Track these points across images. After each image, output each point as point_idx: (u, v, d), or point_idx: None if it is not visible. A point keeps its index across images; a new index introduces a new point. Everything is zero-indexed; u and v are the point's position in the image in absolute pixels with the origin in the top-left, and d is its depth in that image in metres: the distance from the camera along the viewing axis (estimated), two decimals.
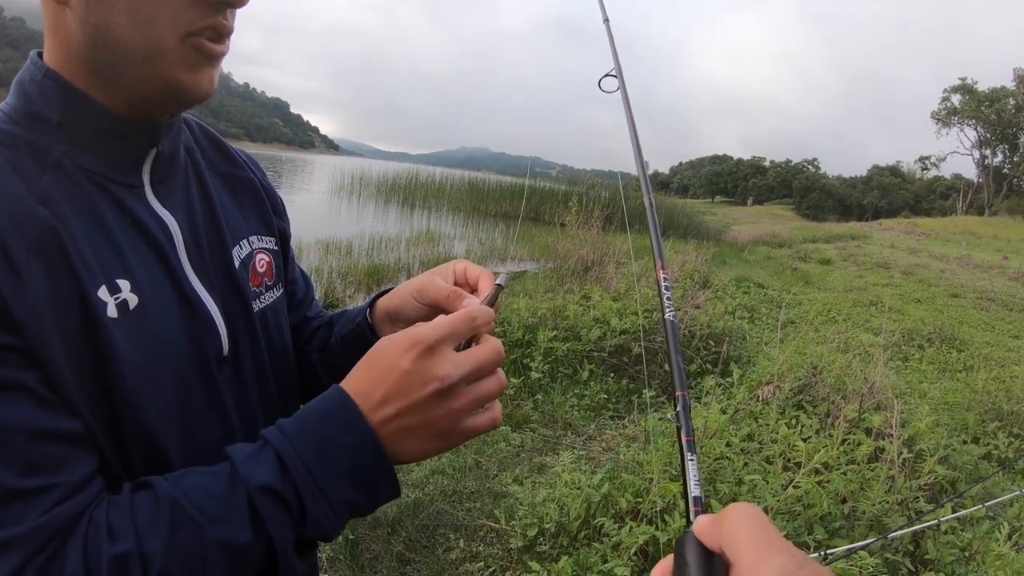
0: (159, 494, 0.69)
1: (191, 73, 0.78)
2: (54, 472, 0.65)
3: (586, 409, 5.81)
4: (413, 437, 0.75)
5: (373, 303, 1.08)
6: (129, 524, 0.66)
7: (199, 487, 0.70)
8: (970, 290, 18.44)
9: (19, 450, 0.62)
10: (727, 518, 0.48)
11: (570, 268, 10.63)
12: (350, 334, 1.07)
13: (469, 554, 3.65)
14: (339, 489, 0.72)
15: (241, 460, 0.72)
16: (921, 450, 4.00)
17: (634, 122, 1.35)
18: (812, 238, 33.47)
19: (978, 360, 8.47)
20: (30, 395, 0.64)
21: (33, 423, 0.64)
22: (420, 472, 4.44)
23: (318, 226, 15.68)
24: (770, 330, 8.86)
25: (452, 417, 0.75)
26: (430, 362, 0.73)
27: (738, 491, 3.58)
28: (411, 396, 0.73)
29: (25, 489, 0.62)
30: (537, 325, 6.80)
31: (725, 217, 53.19)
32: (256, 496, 0.69)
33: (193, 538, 0.67)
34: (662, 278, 1.04)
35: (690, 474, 0.77)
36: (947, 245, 36.79)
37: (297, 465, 0.71)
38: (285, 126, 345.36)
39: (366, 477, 0.74)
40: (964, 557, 3.43)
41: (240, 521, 0.69)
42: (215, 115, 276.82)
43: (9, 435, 0.62)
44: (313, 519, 0.71)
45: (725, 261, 19.11)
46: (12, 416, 0.62)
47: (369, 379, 0.75)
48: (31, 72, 0.79)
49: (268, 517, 0.69)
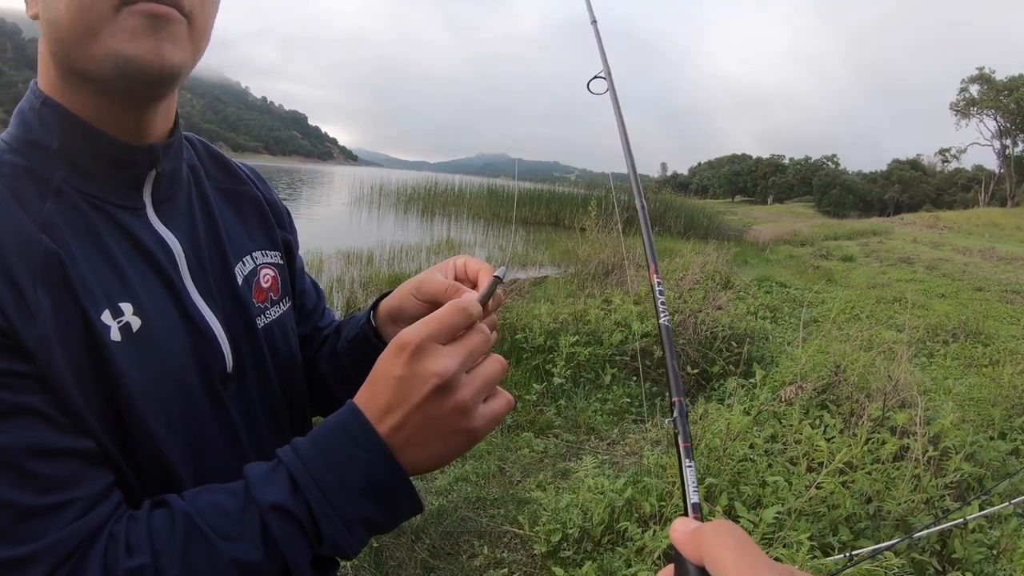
0: (175, 511, 0.70)
1: (133, 43, 0.74)
2: (71, 488, 0.66)
3: (609, 413, 5.80)
4: (427, 442, 0.73)
5: (376, 305, 1.08)
6: (146, 539, 0.67)
7: (213, 505, 0.71)
8: (994, 283, 18.21)
9: (35, 470, 0.64)
10: (706, 538, 0.48)
11: (591, 272, 10.62)
12: (355, 338, 1.07)
13: (493, 560, 3.66)
14: (354, 506, 0.72)
15: (255, 479, 0.72)
16: (947, 447, 3.96)
17: (624, 122, 1.35)
18: (834, 235, 33.18)
19: (1004, 354, 8.36)
20: (42, 418, 0.66)
21: (46, 443, 0.65)
22: (444, 479, 4.46)
23: (339, 237, 15.72)
24: (793, 330, 8.80)
25: (461, 410, 0.73)
26: (421, 362, 0.71)
27: (762, 493, 3.56)
28: (412, 400, 0.71)
29: (44, 506, 0.64)
30: (559, 331, 6.79)
31: (745, 216, 52.92)
32: (268, 515, 0.69)
33: (207, 555, 0.68)
34: (655, 282, 1.04)
35: (688, 481, 0.76)
36: (970, 238, 36.38)
37: (309, 484, 0.71)
38: (304, 138, 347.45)
39: (383, 491, 0.73)
40: (992, 555, 3.39)
41: (252, 540, 0.69)
42: (234, 129, 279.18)
43: (23, 456, 0.63)
44: (328, 538, 0.71)
45: (747, 261, 19.01)
46: (25, 437, 0.64)
47: (371, 393, 0.74)
48: (30, 101, 0.81)
49: (280, 537, 0.69)
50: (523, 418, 5.57)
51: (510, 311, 7.70)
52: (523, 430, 5.37)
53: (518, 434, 5.29)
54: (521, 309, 7.67)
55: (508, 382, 6.19)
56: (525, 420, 5.55)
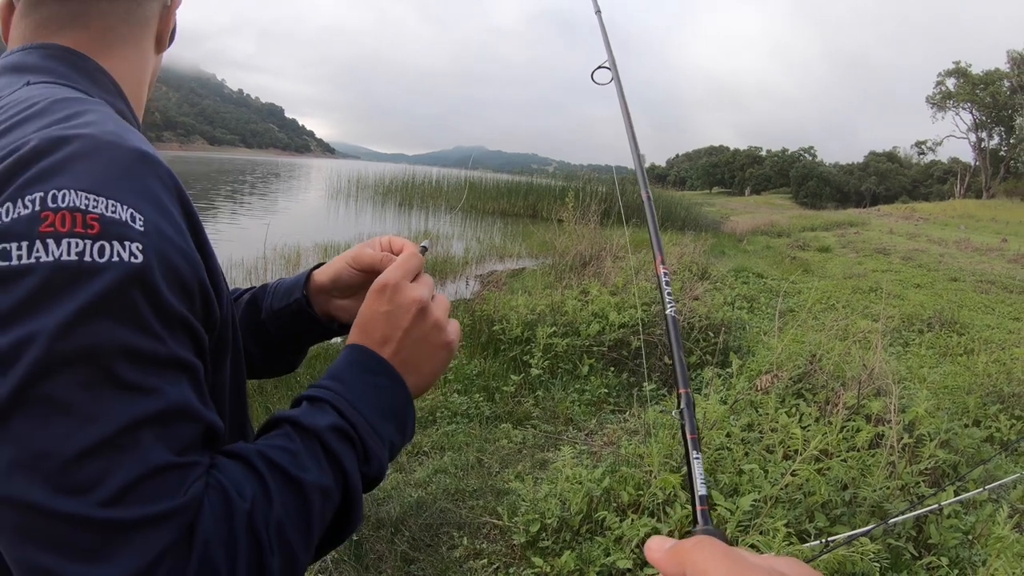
0: (250, 458, 0.70)
1: None
2: (199, 453, 0.65)
3: (587, 404, 5.81)
4: (420, 361, 0.87)
5: (308, 277, 1.12)
6: (239, 484, 0.67)
7: (278, 447, 0.72)
8: (969, 273, 18.43)
9: (180, 432, 0.63)
10: (689, 555, 0.47)
11: (568, 264, 10.63)
12: (285, 309, 1.09)
13: (473, 551, 3.66)
14: (385, 427, 0.80)
15: (302, 415, 0.76)
16: (921, 435, 3.99)
17: (629, 113, 1.34)
18: (811, 226, 33.37)
19: (978, 343, 8.47)
20: (196, 384, 0.67)
21: (195, 410, 0.65)
22: (423, 472, 4.45)
23: (316, 230, 15.68)
24: (769, 319, 8.85)
25: (439, 326, 0.89)
26: (402, 294, 0.86)
27: (738, 481, 3.58)
28: (401, 326, 0.85)
29: (180, 464, 0.62)
30: (536, 322, 6.81)
31: (723, 208, 53.07)
32: (327, 436, 0.74)
33: (293, 491, 0.69)
34: (662, 273, 1.04)
35: (696, 473, 0.77)
36: (946, 229, 36.76)
37: (350, 410, 0.77)
38: (280, 131, 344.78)
39: (400, 412, 0.83)
40: (968, 541, 3.42)
41: (321, 465, 0.73)
42: (211, 123, 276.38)
43: (175, 417, 0.63)
44: (374, 455, 0.78)
45: (724, 252, 19.10)
46: (180, 399, 0.63)
47: (364, 331, 0.86)
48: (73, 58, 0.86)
49: (342, 454, 0.74)
50: (501, 409, 5.57)
51: (487, 302, 7.69)
52: (501, 421, 5.37)
53: (496, 425, 5.29)
54: (498, 301, 7.67)
55: (486, 374, 6.20)
56: (503, 411, 5.55)
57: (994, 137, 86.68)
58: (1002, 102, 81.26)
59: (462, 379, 6.05)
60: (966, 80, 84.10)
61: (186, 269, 0.66)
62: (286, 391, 5.33)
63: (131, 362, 0.59)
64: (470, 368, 6.29)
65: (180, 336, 0.65)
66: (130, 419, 0.58)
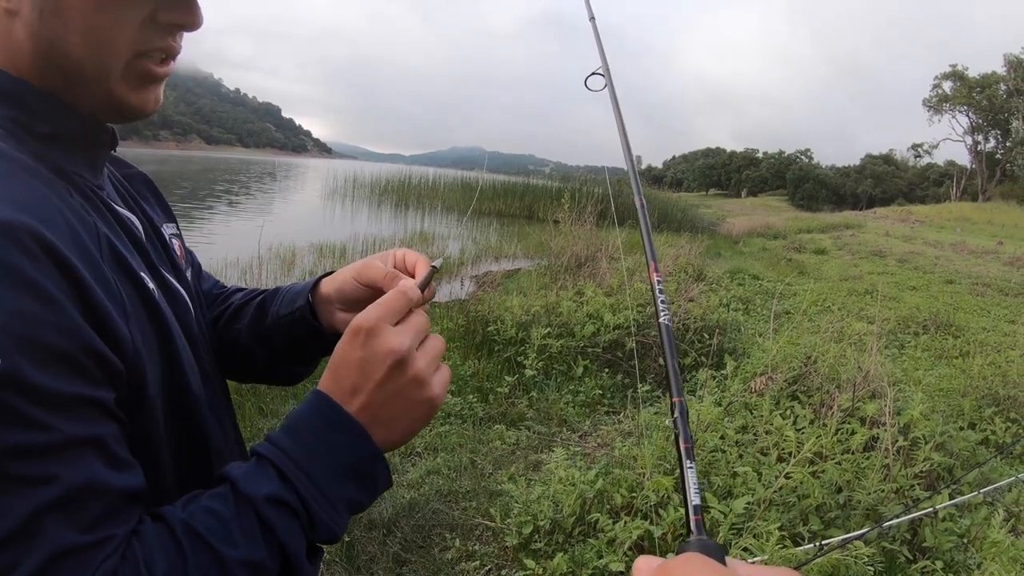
0: (174, 524, 0.68)
1: (138, 93, 0.79)
2: (115, 523, 0.64)
3: (581, 405, 5.79)
4: (393, 416, 0.78)
5: (316, 284, 1.09)
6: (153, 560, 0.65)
7: (208, 511, 0.69)
8: (965, 276, 18.45)
9: (87, 510, 0.61)
10: (677, 575, 0.46)
11: (563, 265, 10.63)
12: (288, 316, 1.07)
13: (465, 553, 3.64)
14: (340, 488, 0.74)
15: (241, 477, 0.72)
16: (916, 437, 3.98)
17: (622, 119, 1.33)
18: (807, 228, 33.40)
19: (974, 346, 8.47)
20: (104, 453, 0.64)
21: (101, 484, 0.62)
22: (415, 472, 4.43)
23: (312, 230, 15.67)
24: (764, 321, 8.84)
25: (419, 381, 0.78)
26: (377, 341, 0.76)
27: (732, 483, 3.56)
28: (374, 377, 0.76)
29: (89, 543, 0.61)
30: (531, 323, 6.79)
31: (719, 210, 53.09)
32: (263, 508, 0.70)
33: (215, 565, 0.66)
34: (655, 280, 1.02)
35: (690, 482, 0.75)
36: (942, 232, 36.81)
37: (296, 473, 0.72)
38: (277, 131, 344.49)
39: (363, 470, 0.76)
40: (963, 544, 3.41)
41: (254, 538, 0.69)
42: (208, 122, 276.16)
43: (79, 497, 0.61)
44: (321, 523, 0.72)
45: (720, 253, 19.12)
46: (86, 476, 0.61)
47: (335, 378, 0.77)
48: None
49: (279, 528, 0.70)
50: (495, 410, 5.55)
51: (482, 303, 7.67)
52: (495, 422, 5.35)
53: (490, 426, 5.26)
54: (493, 301, 7.66)
55: (480, 375, 6.18)
56: (497, 412, 5.52)
57: (990, 140, 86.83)
58: (998, 105, 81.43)
59: (456, 380, 6.03)
60: (963, 83, 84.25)
61: (65, 342, 0.61)
62: (280, 390, 5.31)
63: (22, 459, 0.57)
64: (464, 369, 6.27)
65: (73, 412, 0.61)
66: (32, 509, 0.57)
